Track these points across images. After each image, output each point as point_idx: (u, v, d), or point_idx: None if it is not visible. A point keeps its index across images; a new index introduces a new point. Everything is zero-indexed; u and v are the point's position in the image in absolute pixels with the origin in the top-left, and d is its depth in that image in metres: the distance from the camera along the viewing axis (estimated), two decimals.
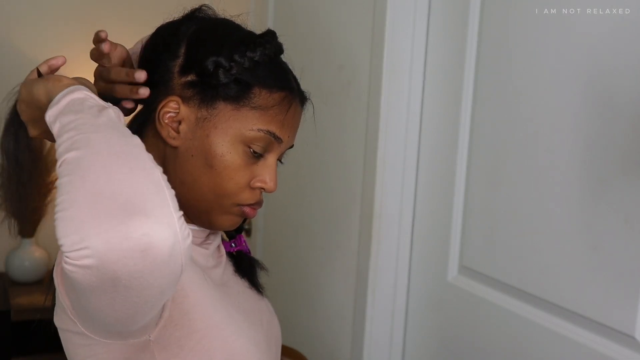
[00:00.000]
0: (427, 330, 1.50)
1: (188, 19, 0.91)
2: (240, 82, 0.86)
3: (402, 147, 1.49)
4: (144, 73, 0.86)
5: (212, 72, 0.85)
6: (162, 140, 0.88)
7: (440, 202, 1.44)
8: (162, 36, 0.91)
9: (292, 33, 1.84)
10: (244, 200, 0.89)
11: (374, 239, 1.51)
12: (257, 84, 0.87)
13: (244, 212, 0.90)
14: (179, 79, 0.87)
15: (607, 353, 1.08)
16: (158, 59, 0.88)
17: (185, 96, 0.86)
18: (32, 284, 2.42)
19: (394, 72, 1.46)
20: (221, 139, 0.86)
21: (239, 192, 0.88)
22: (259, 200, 0.90)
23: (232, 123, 0.86)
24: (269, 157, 0.89)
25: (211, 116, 0.86)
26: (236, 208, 0.89)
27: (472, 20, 1.34)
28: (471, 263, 1.37)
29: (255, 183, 0.89)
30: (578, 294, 1.12)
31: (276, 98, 0.88)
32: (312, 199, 1.79)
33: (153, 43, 0.91)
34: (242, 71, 0.86)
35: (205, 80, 0.85)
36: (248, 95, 0.86)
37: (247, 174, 0.88)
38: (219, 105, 0.86)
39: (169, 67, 0.87)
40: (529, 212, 1.21)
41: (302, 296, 1.83)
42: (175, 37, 0.89)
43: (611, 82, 1.06)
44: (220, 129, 0.86)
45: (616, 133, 1.05)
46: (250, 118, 0.86)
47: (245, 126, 0.86)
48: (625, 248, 1.04)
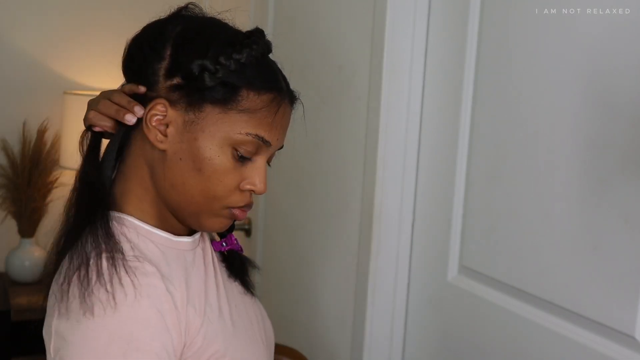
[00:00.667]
0: (427, 330, 1.50)
1: (174, 18, 0.90)
2: (226, 84, 0.84)
3: (402, 147, 1.49)
4: (140, 108, 0.86)
5: (198, 76, 0.83)
6: (149, 144, 0.87)
7: (440, 202, 1.44)
8: (148, 36, 0.89)
9: (291, 33, 1.84)
10: (234, 203, 0.88)
11: (374, 239, 1.51)
12: (245, 86, 0.85)
13: (233, 215, 0.89)
14: (165, 81, 0.85)
15: (607, 353, 1.08)
16: (144, 60, 0.87)
17: (172, 99, 0.85)
18: (32, 284, 2.43)
19: (394, 72, 1.46)
20: (209, 142, 0.84)
21: (229, 195, 0.87)
22: (248, 202, 0.89)
23: (220, 126, 0.85)
24: (258, 160, 0.88)
25: (198, 119, 0.84)
26: (226, 211, 0.88)
27: (472, 20, 1.34)
28: (471, 263, 1.37)
29: (245, 185, 0.88)
30: (578, 294, 1.12)
31: (264, 100, 0.86)
32: (312, 199, 1.79)
33: (139, 43, 0.90)
34: (228, 74, 0.84)
35: (191, 84, 0.84)
36: (235, 98, 0.85)
37: (236, 177, 0.87)
38: (206, 109, 0.84)
39: (155, 69, 0.86)
40: (529, 212, 1.21)
41: (302, 296, 1.83)
42: (161, 37, 0.87)
43: (611, 82, 1.06)
44: (207, 133, 0.84)
45: (616, 133, 1.05)
46: (238, 121, 0.85)
47: (233, 130, 0.85)
48: (625, 248, 1.04)
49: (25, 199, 2.42)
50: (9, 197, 2.45)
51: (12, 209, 2.45)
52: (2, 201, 2.47)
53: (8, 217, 2.48)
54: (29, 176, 2.41)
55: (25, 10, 2.47)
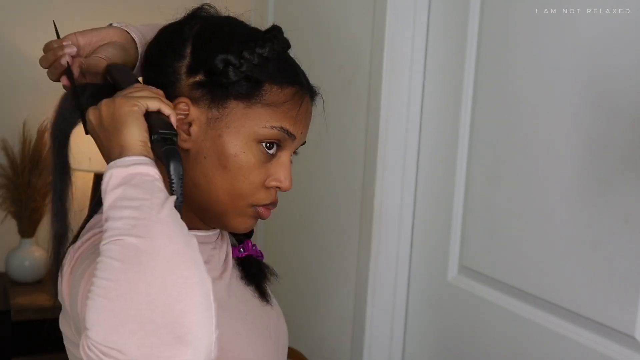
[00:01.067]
0: (427, 330, 1.50)
1: (191, 19, 0.90)
2: (250, 79, 0.84)
3: (402, 147, 1.49)
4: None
5: (222, 71, 0.83)
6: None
7: (440, 202, 1.44)
8: (166, 38, 0.89)
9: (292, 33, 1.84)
10: (260, 201, 0.87)
11: (374, 239, 1.51)
12: (268, 80, 0.85)
13: (258, 213, 0.89)
14: (187, 79, 0.85)
15: (607, 353, 1.08)
16: (163, 61, 0.87)
17: (195, 97, 0.84)
18: (32, 283, 2.42)
19: (394, 72, 1.46)
20: (234, 138, 0.84)
21: (254, 193, 0.86)
22: (274, 200, 0.89)
23: (245, 121, 0.84)
24: (282, 155, 0.88)
25: (222, 116, 0.84)
26: (251, 209, 0.88)
27: (472, 20, 1.34)
28: (471, 263, 1.37)
29: (270, 182, 0.87)
30: (578, 294, 1.12)
31: (287, 94, 0.86)
32: (312, 199, 1.79)
33: (157, 45, 0.89)
34: (252, 68, 0.84)
35: (214, 80, 0.84)
36: (259, 92, 0.84)
37: (262, 174, 0.86)
38: (230, 104, 0.84)
39: (176, 68, 0.85)
40: (529, 212, 1.21)
41: (302, 296, 1.83)
42: (180, 37, 0.87)
43: (611, 82, 1.06)
44: (232, 128, 0.84)
45: (616, 133, 1.05)
46: (263, 115, 0.84)
47: (258, 124, 0.84)
48: (625, 248, 1.04)
49: (25, 199, 2.42)
50: (9, 197, 2.45)
51: (12, 209, 2.45)
52: (2, 201, 2.47)
53: (8, 217, 2.48)
54: (29, 176, 2.41)
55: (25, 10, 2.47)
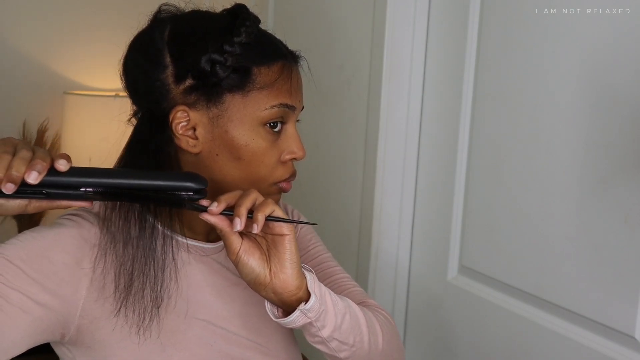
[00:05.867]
0: (427, 330, 1.50)
1: (157, 25, 0.88)
2: (238, 69, 0.85)
3: (402, 147, 1.49)
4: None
5: (210, 71, 0.84)
6: (184, 152, 0.87)
7: (440, 202, 1.44)
8: (140, 51, 0.88)
9: (292, 32, 1.84)
10: (279, 178, 0.90)
11: (374, 239, 1.51)
12: (254, 64, 0.86)
13: (281, 188, 0.91)
14: (177, 87, 0.85)
15: (607, 353, 1.08)
16: (146, 75, 0.86)
17: (190, 102, 0.85)
18: None
19: (394, 72, 1.46)
20: (240, 129, 0.86)
21: (272, 172, 0.89)
22: (292, 172, 0.91)
23: (245, 110, 0.86)
24: (288, 128, 0.90)
25: (223, 112, 0.85)
26: (273, 187, 0.90)
27: (472, 20, 1.34)
28: (471, 263, 1.37)
29: (285, 156, 0.89)
30: (578, 294, 1.12)
31: (276, 70, 0.87)
32: (312, 199, 1.79)
33: (133, 61, 0.88)
34: (236, 58, 0.85)
35: (205, 81, 0.84)
36: (250, 79, 0.85)
37: (275, 152, 0.88)
38: (226, 99, 0.85)
39: (162, 80, 0.85)
40: (529, 212, 1.21)
41: None
42: (153, 47, 0.86)
43: (611, 82, 1.06)
44: (236, 121, 0.85)
45: (616, 133, 1.05)
46: (260, 99, 0.86)
47: (258, 108, 0.86)
48: (625, 248, 1.04)
49: None
50: None
51: None
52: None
53: (8, 217, 2.48)
54: None
55: (25, 10, 2.47)
